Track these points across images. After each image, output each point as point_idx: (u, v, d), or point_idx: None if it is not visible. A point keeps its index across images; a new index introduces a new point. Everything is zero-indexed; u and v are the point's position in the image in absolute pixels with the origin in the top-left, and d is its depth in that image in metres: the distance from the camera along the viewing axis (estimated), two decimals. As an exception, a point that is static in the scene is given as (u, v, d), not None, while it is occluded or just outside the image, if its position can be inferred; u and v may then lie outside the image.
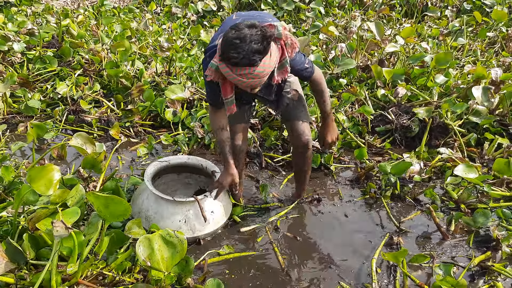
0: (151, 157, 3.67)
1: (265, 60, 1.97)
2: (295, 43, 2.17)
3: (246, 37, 1.90)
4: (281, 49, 2.14)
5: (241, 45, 1.90)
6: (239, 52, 1.91)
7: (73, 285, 1.96)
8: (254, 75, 1.99)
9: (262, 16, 2.42)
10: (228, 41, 1.94)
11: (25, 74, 4.45)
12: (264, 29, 1.95)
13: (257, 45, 1.91)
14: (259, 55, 1.93)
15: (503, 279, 2.40)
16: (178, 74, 4.81)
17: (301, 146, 2.75)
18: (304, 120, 2.71)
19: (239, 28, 1.94)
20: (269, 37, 1.95)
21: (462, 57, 5.71)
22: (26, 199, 2.33)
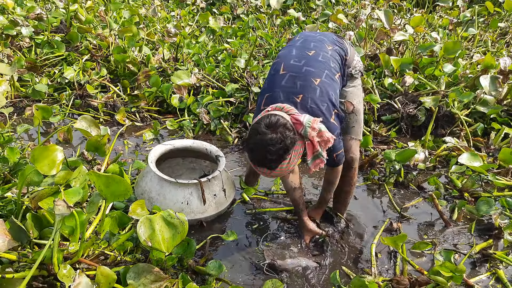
0: (156, 143, 3.69)
1: (282, 165, 1.96)
2: (329, 140, 2.05)
3: (264, 146, 1.90)
4: (311, 144, 2.05)
5: (258, 152, 1.93)
6: (255, 156, 1.96)
7: (75, 264, 1.98)
8: (272, 175, 2.02)
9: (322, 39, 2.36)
10: (248, 142, 1.99)
11: (33, 58, 4.47)
12: (284, 135, 1.91)
13: (272, 155, 1.91)
14: (274, 163, 1.94)
15: (504, 267, 2.40)
16: (186, 60, 4.81)
17: (344, 164, 2.50)
18: (353, 136, 2.53)
19: (261, 131, 1.92)
20: (287, 146, 1.92)
21: (472, 48, 5.64)
22: (31, 180, 2.35)
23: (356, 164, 2.56)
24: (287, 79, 2.17)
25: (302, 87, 2.13)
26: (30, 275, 1.69)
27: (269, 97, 2.17)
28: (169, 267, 2.15)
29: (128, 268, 1.97)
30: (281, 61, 2.27)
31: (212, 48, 5.16)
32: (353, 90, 2.49)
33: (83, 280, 1.79)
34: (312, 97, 2.12)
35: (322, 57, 2.25)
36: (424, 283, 2.09)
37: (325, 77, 2.18)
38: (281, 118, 1.94)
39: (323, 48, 2.31)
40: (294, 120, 1.98)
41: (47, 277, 1.90)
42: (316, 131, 1.99)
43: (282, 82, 2.17)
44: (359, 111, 2.50)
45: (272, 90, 2.17)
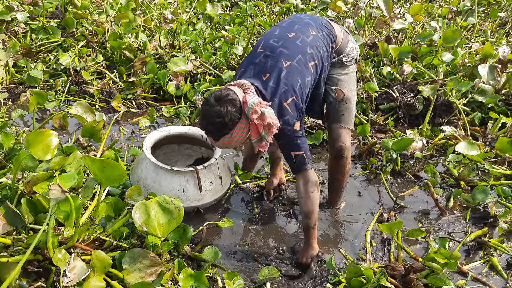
0: (152, 130, 3.67)
1: (224, 139, 2.05)
2: (272, 125, 2.03)
3: (207, 116, 2.01)
4: (255, 126, 2.05)
5: (203, 121, 2.05)
6: (201, 125, 2.09)
7: (70, 248, 1.98)
8: (217, 145, 2.14)
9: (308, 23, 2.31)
10: (200, 109, 2.16)
11: (28, 44, 4.43)
12: (227, 111, 1.98)
13: (213, 127, 2.02)
14: (216, 134, 2.05)
15: (498, 255, 2.41)
16: (182, 47, 4.77)
17: (334, 152, 2.56)
18: (343, 124, 2.49)
19: (210, 102, 2.01)
20: (227, 123, 1.99)
21: (471, 37, 5.62)
22: (25, 165, 2.34)
23: (347, 153, 2.54)
24: (261, 58, 2.21)
25: (271, 67, 2.16)
26: (24, 259, 1.69)
27: (242, 72, 2.24)
28: (164, 252, 2.15)
29: (123, 253, 1.97)
30: (262, 39, 2.31)
31: (209, 35, 5.13)
32: (344, 78, 2.45)
33: (78, 264, 1.78)
34: (275, 77, 2.14)
35: (300, 41, 2.23)
36: (419, 269, 2.10)
37: (297, 62, 2.18)
38: (232, 93, 2.01)
39: (305, 32, 2.27)
40: (244, 99, 2.02)
41: (42, 262, 1.89)
42: (258, 114, 2.00)
43: (256, 60, 2.22)
44: (350, 99, 2.47)
45: (247, 66, 2.23)
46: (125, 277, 1.88)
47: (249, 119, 2.03)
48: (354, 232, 2.58)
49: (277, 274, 2.11)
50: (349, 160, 2.59)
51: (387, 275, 2.05)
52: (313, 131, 3.63)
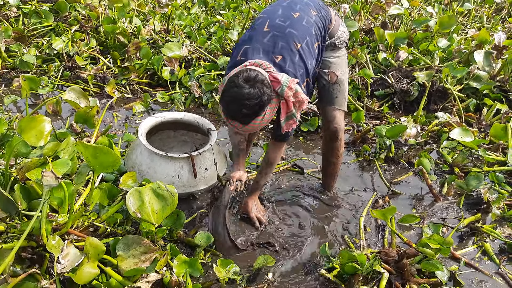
0: (146, 115, 3.65)
1: (255, 121, 1.96)
2: (303, 101, 2.07)
3: (240, 100, 1.90)
4: (286, 104, 2.06)
5: (233, 105, 1.93)
6: (230, 110, 1.96)
7: (64, 235, 1.97)
8: (243, 130, 2.03)
9: (308, 3, 2.30)
10: (224, 94, 1.97)
11: (20, 28, 4.38)
12: (262, 91, 1.90)
13: (248, 110, 1.91)
14: (248, 117, 1.94)
15: (491, 241, 2.43)
16: (177, 32, 4.73)
17: (328, 134, 2.56)
18: (337, 106, 2.50)
19: (239, 84, 1.91)
20: (264, 103, 1.92)
21: (467, 23, 5.60)
22: (18, 151, 2.32)
23: (341, 135, 2.55)
24: (269, 38, 2.15)
25: (283, 48, 2.12)
26: (18, 246, 1.68)
27: (248, 49, 2.14)
28: (159, 239, 2.15)
29: (117, 239, 1.97)
30: (266, 18, 2.24)
31: (204, 20, 5.08)
32: (336, 60, 2.46)
33: (71, 250, 1.78)
34: (291, 60, 2.11)
35: (306, 22, 2.22)
36: (412, 255, 2.11)
37: (305, 44, 2.17)
38: (259, 74, 1.94)
39: (308, 12, 2.27)
40: (272, 78, 1.98)
41: (36, 248, 1.89)
42: (293, 91, 2.00)
43: (264, 40, 2.15)
44: (343, 81, 2.48)
45: (253, 44, 2.15)
46: (119, 263, 1.88)
47: (280, 97, 2.02)
48: (348, 218, 2.59)
49: (272, 263, 2.12)
50: (343, 142, 2.61)
51: (381, 260, 2.07)
52: (308, 118, 3.63)
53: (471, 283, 2.14)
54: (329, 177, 2.79)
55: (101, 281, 1.85)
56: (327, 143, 2.63)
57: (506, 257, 2.31)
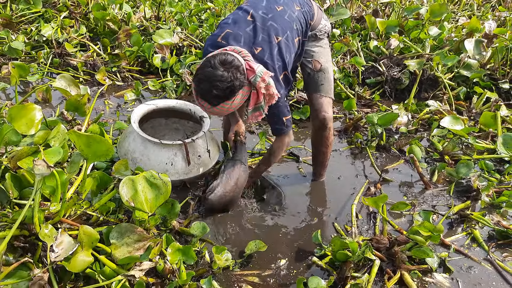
0: (138, 103, 3.63)
1: (224, 104, 2.00)
2: (273, 96, 2.11)
3: (212, 80, 1.94)
4: (257, 94, 2.10)
5: (205, 84, 1.96)
6: (201, 89, 1.98)
7: (57, 224, 1.97)
8: (210, 111, 2.07)
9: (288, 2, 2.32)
10: (198, 72, 2.00)
11: (8, 14, 4.31)
12: (235, 75, 1.95)
13: (218, 91, 1.94)
14: (217, 99, 1.97)
15: (480, 227, 2.46)
16: (168, 19, 4.69)
17: (317, 124, 2.58)
18: (323, 94, 2.53)
19: (214, 65, 1.94)
20: (235, 88, 1.96)
21: (458, 11, 5.61)
22: (9, 140, 2.30)
23: (330, 124, 2.58)
24: (251, 28, 2.19)
25: (263, 41, 2.17)
26: (10, 235, 1.68)
27: (230, 35, 2.17)
28: (152, 227, 2.15)
29: (111, 228, 1.96)
30: (250, 8, 2.27)
31: (195, 7, 5.04)
32: (319, 49, 2.51)
33: (65, 239, 1.78)
34: (270, 53, 2.16)
35: (288, 16, 2.27)
36: (403, 242, 2.14)
37: (285, 38, 2.22)
38: (236, 59, 1.98)
39: (291, 7, 2.32)
40: (247, 67, 2.02)
41: (29, 237, 1.89)
42: (265, 83, 2.04)
43: (247, 29, 2.19)
44: (327, 69, 2.52)
45: (235, 30, 2.18)
46: (112, 251, 1.88)
47: (252, 87, 2.06)
48: (340, 206, 2.61)
49: (264, 248, 2.14)
50: (332, 131, 2.64)
51: (372, 248, 2.09)
52: (300, 106, 3.63)
53: (460, 269, 2.18)
54: (320, 166, 2.81)
55: (95, 269, 1.86)
56: (316, 132, 2.64)
57: (495, 244, 2.35)
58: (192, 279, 2.00)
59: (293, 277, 2.10)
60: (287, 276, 2.11)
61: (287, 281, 2.08)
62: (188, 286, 1.93)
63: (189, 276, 1.92)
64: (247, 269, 2.13)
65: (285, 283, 2.07)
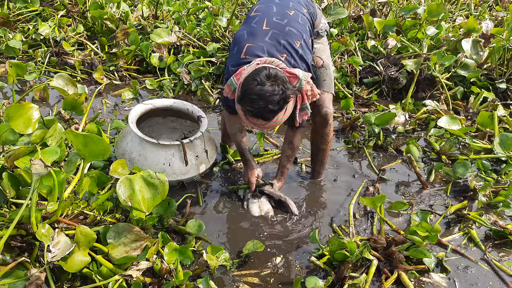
0: (135, 102, 3.63)
1: (278, 116, 2.01)
2: (316, 95, 2.16)
3: (266, 96, 1.92)
4: (301, 97, 2.14)
5: (259, 102, 1.94)
6: (254, 108, 1.97)
7: (54, 223, 1.97)
8: (266, 126, 2.07)
9: (299, 0, 2.40)
10: (247, 93, 1.97)
11: (5, 13, 4.29)
12: (285, 86, 1.95)
13: (273, 105, 1.94)
14: (272, 113, 1.98)
15: (477, 227, 2.47)
16: (166, 18, 4.68)
17: (319, 120, 2.57)
18: (325, 90, 2.53)
19: (262, 81, 1.93)
20: (287, 97, 1.97)
21: (455, 11, 5.62)
22: (6, 139, 2.30)
23: (331, 120, 2.58)
24: (270, 36, 2.21)
25: (285, 47, 2.20)
26: (7, 234, 1.67)
27: (252, 48, 2.18)
28: (149, 226, 2.15)
29: (108, 227, 1.96)
30: (263, 16, 2.29)
31: (193, 6, 5.02)
32: (320, 46, 2.57)
33: (62, 239, 1.77)
34: (295, 58, 2.20)
35: (301, 19, 2.32)
36: (401, 242, 2.15)
37: (304, 41, 2.27)
38: (278, 71, 1.99)
39: (301, 9, 2.38)
40: (287, 74, 2.04)
41: (26, 237, 1.88)
42: (310, 85, 2.10)
43: (266, 38, 2.20)
44: (328, 65, 2.56)
45: (255, 42, 2.19)
46: (110, 251, 1.89)
47: (297, 91, 2.08)
48: (337, 205, 2.62)
49: (262, 248, 2.14)
50: (332, 127, 2.65)
51: (370, 248, 2.10)
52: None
53: (457, 269, 2.18)
54: (319, 164, 2.80)
55: (92, 269, 1.86)
56: (317, 129, 2.64)
57: (492, 244, 2.36)
58: (189, 279, 2.00)
59: (291, 277, 2.10)
60: (284, 276, 2.11)
61: (285, 281, 2.08)
62: (185, 286, 1.93)
63: (186, 276, 1.92)
64: (244, 268, 2.14)
65: (283, 283, 2.07)
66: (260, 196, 2.58)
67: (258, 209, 2.53)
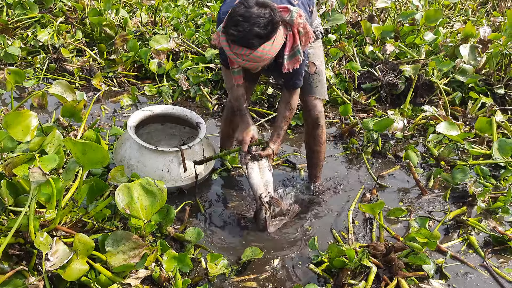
0: (134, 109, 3.63)
1: (265, 46, 1.88)
2: (310, 34, 2.04)
3: (251, 18, 1.81)
4: (293, 36, 2.02)
5: (244, 24, 1.82)
6: (239, 31, 1.83)
7: (52, 231, 1.96)
8: (250, 58, 1.92)
9: None
10: (233, 16, 1.86)
11: (4, 20, 4.29)
12: (273, 12, 1.85)
13: (260, 28, 1.82)
14: (259, 39, 1.84)
15: (476, 233, 2.47)
16: (164, 24, 4.69)
17: (310, 122, 2.57)
18: (317, 96, 2.52)
19: (249, 4, 1.84)
20: (276, 23, 1.86)
21: (453, 16, 5.64)
22: (4, 146, 2.29)
23: (322, 121, 2.58)
24: None
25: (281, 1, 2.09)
26: (6, 243, 1.67)
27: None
28: (148, 234, 2.15)
29: (106, 235, 1.96)
30: None
31: (191, 12, 5.04)
32: (314, 51, 2.48)
33: (60, 247, 1.77)
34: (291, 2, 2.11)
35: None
36: (400, 248, 2.14)
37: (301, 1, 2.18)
38: (268, 1, 1.89)
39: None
40: (279, 8, 1.94)
41: (24, 245, 1.88)
42: (302, 20, 1.98)
43: None
44: (321, 71, 2.51)
45: None
46: (108, 259, 1.88)
47: (287, 28, 1.98)
48: (336, 212, 2.61)
49: (261, 255, 2.13)
50: (325, 129, 2.64)
51: (369, 255, 2.10)
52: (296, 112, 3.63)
53: (456, 276, 2.18)
54: (315, 167, 2.79)
55: (91, 278, 1.85)
56: (309, 131, 2.64)
57: (491, 250, 2.36)
58: (188, 287, 1.99)
59: (290, 284, 2.09)
60: (283, 283, 2.10)
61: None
62: (184, 294, 1.93)
63: (185, 284, 1.92)
64: (243, 275, 2.13)
65: (281, 290, 2.07)
66: (259, 159, 2.38)
67: (258, 176, 2.33)
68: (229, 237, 2.39)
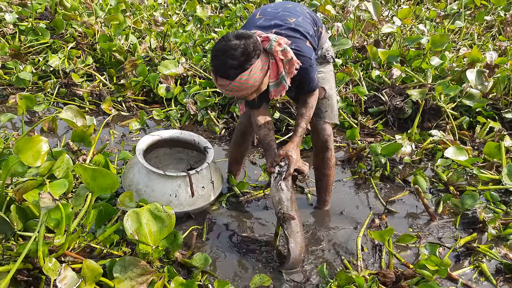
0: (142, 133, 3.65)
1: (242, 76, 1.92)
2: (293, 63, 2.06)
3: (226, 51, 1.90)
4: (276, 64, 2.06)
5: (220, 57, 1.92)
6: (216, 63, 1.94)
7: (60, 257, 1.96)
8: (230, 88, 1.97)
9: (301, 5, 2.39)
10: (213, 50, 1.97)
11: (17, 45, 4.38)
12: (247, 43, 1.90)
13: (233, 60, 1.89)
14: (234, 70, 1.90)
15: (488, 260, 2.44)
16: (173, 49, 4.75)
17: (320, 145, 2.59)
18: (326, 120, 2.54)
19: (227, 38, 1.93)
20: (250, 53, 1.91)
21: (459, 40, 5.68)
22: (15, 171, 2.31)
23: (331, 145, 2.60)
24: (262, 21, 2.23)
25: (276, 25, 2.18)
26: (15, 269, 1.67)
27: None
28: (155, 260, 2.14)
29: (114, 261, 1.96)
30: (258, 10, 2.34)
31: (199, 37, 5.11)
32: (324, 75, 2.51)
33: (68, 273, 1.77)
34: (286, 29, 2.17)
35: (299, 8, 2.33)
36: (410, 276, 2.12)
37: (302, 19, 2.25)
38: (248, 32, 1.97)
39: (301, 7, 2.38)
40: (261, 38, 2.01)
41: (32, 271, 1.88)
42: (282, 48, 2.01)
43: (257, 23, 2.22)
44: (331, 96, 2.53)
45: (247, 28, 2.18)
46: (116, 286, 1.87)
47: (269, 56, 2.02)
48: (345, 238, 2.59)
49: (269, 282, 2.11)
50: (333, 152, 2.65)
51: (379, 282, 2.07)
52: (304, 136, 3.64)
53: (468, 304, 2.15)
54: (324, 191, 2.79)
55: (98, 304, 1.84)
56: (318, 154, 2.66)
57: (503, 277, 2.32)
58: (196, 314, 1.97)
59: (298, 312, 2.07)
60: (292, 311, 2.08)
61: (292, 316, 2.05)
62: (192, 322, 1.91)
63: (193, 311, 1.90)
64: (251, 303, 2.11)
65: (290, 318, 2.04)
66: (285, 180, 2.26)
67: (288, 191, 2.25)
68: (236, 263, 2.37)
